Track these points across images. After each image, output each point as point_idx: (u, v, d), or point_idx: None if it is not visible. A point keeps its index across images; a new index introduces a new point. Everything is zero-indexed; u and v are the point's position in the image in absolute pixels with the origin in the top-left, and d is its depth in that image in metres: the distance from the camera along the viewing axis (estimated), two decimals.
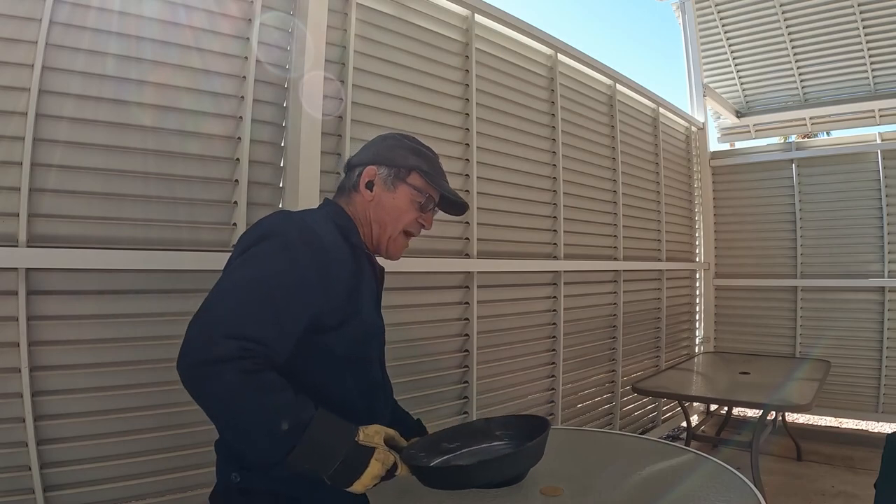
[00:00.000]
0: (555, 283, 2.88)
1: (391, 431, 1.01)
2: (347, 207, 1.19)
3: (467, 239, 2.39)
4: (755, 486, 1.21)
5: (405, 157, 1.20)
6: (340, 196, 1.23)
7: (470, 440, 1.24)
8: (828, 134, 7.95)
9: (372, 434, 0.95)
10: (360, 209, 1.19)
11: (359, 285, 1.10)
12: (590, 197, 3.16)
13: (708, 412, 4.11)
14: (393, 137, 1.25)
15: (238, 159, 1.70)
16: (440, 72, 2.32)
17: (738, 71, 4.64)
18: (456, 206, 1.26)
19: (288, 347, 0.94)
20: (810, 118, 4.67)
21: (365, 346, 1.13)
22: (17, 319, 1.33)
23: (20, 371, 1.33)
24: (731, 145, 5.14)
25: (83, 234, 1.44)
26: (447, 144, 2.33)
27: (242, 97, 1.72)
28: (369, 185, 1.18)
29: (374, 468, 0.91)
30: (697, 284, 4.43)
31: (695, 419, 3.83)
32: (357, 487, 0.90)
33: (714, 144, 4.70)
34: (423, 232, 1.25)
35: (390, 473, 0.95)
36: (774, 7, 4.18)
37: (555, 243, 2.89)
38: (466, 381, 2.37)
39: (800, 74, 4.43)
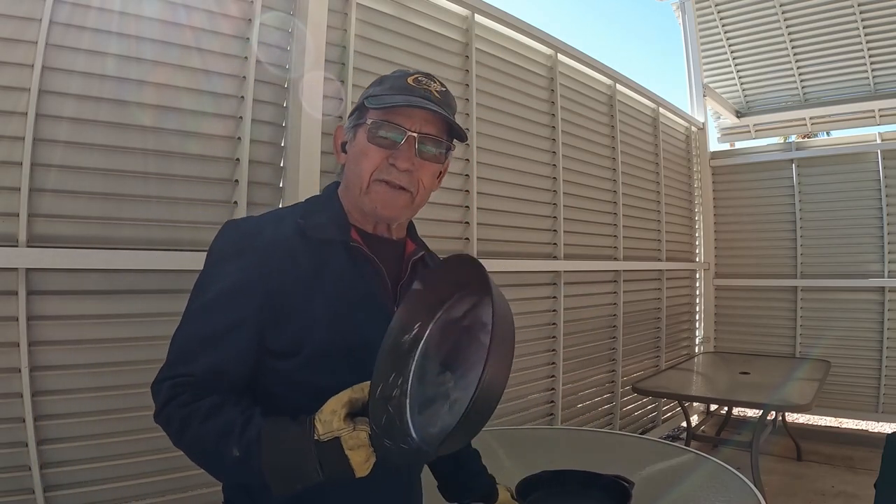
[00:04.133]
0: (555, 283, 2.88)
1: (354, 395, 0.77)
2: (341, 187, 0.99)
3: (467, 239, 2.39)
4: (755, 486, 1.21)
5: (363, 95, 0.95)
6: None
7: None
8: (828, 134, 7.93)
9: (329, 418, 0.74)
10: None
11: (322, 289, 0.87)
12: (590, 197, 3.15)
13: (708, 412, 4.11)
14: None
15: (238, 159, 1.70)
16: (440, 72, 2.31)
17: (738, 71, 4.64)
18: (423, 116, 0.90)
19: (233, 370, 0.84)
20: (810, 118, 4.67)
21: (335, 374, 0.83)
22: (17, 319, 1.33)
23: (20, 371, 1.34)
24: (731, 145, 5.14)
25: (83, 234, 1.44)
26: None
27: (242, 97, 1.72)
28: (343, 147, 0.97)
29: (357, 457, 0.73)
30: (697, 284, 4.43)
31: (695, 419, 3.83)
32: (361, 475, 0.74)
33: (714, 144, 4.71)
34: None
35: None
36: (774, 7, 4.18)
37: (555, 243, 2.89)
38: None
39: (800, 74, 4.42)
